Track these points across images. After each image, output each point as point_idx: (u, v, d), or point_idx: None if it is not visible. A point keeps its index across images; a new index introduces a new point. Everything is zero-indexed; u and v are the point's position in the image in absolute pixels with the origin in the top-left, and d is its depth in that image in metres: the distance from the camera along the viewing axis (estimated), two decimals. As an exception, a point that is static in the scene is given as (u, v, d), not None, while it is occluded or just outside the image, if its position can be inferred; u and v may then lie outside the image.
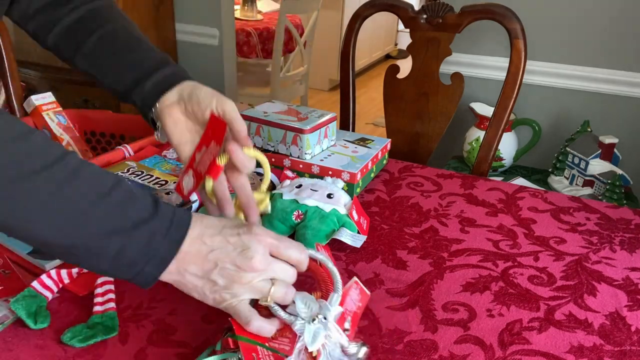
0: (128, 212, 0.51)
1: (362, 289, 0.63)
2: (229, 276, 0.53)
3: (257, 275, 0.53)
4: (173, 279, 0.54)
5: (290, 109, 1.02)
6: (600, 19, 1.62)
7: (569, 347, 0.61)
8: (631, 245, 0.83)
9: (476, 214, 0.91)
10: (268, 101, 1.06)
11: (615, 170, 1.53)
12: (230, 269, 0.53)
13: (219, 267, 0.53)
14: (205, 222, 0.55)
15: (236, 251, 0.53)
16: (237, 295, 0.53)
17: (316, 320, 0.53)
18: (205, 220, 0.55)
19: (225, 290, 0.53)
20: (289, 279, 0.55)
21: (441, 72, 1.34)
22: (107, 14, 0.73)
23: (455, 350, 0.60)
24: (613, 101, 1.68)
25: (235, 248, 0.53)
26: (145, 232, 0.51)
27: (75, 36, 0.72)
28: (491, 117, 1.25)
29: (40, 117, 1.13)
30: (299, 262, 0.57)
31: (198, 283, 0.54)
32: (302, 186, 0.85)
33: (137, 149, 1.02)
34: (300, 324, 0.53)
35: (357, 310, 0.60)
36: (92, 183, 0.51)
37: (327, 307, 0.54)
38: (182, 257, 0.53)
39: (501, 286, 0.72)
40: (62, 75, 2.17)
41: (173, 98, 0.67)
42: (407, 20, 1.33)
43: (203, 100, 0.65)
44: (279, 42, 2.79)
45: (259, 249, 0.54)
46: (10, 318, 0.61)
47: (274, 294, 0.54)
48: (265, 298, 0.54)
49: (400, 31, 5.61)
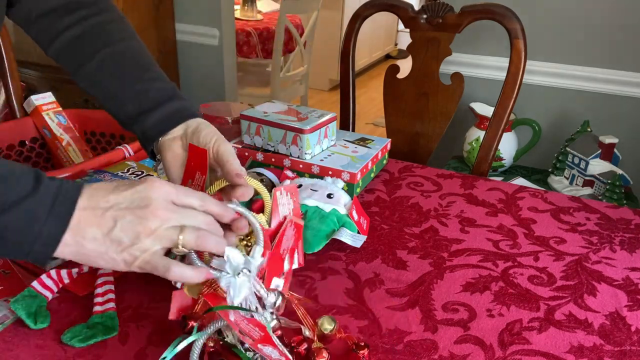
0: (6, 191, 0.48)
1: (296, 223, 0.63)
2: (132, 229, 0.50)
3: (161, 222, 0.50)
4: (72, 251, 0.50)
5: (290, 109, 1.02)
6: (600, 19, 1.62)
7: (569, 347, 0.61)
8: (631, 245, 0.83)
9: (476, 214, 0.91)
10: (268, 101, 1.06)
11: (615, 170, 1.53)
12: (132, 221, 0.50)
13: (119, 222, 0.50)
14: (95, 186, 0.52)
15: (134, 203, 0.50)
16: (146, 248, 0.50)
17: (241, 274, 0.54)
18: (95, 184, 0.52)
19: (132, 246, 0.50)
20: (200, 224, 0.53)
21: (441, 72, 1.34)
22: (114, 32, 0.70)
23: (455, 350, 0.60)
24: (613, 101, 1.68)
25: (132, 200, 0.51)
26: (21, 212, 0.48)
27: (78, 53, 0.69)
28: (491, 117, 1.25)
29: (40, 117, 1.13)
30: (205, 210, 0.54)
31: (101, 248, 0.50)
32: (302, 186, 0.85)
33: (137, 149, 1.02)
34: (227, 278, 0.54)
35: (293, 244, 0.63)
36: None
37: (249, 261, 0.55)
38: (76, 226, 0.49)
39: (501, 286, 0.72)
40: (62, 75, 2.17)
41: (177, 133, 0.65)
42: (407, 20, 1.33)
43: (204, 138, 0.63)
44: (279, 42, 2.79)
45: (158, 195, 0.51)
46: (10, 318, 0.61)
47: (184, 240, 0.51)
48: (176, 245, 0.51)
49: (400, 31, 5.61)
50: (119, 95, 0.68)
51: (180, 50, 2.41)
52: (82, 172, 0.91)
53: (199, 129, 0.64)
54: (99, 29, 0.70)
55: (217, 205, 0.56)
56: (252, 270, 0.55)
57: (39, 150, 1.16)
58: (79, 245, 0.50)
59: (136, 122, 0.67)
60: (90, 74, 0.69)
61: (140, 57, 0.70)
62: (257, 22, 3.22)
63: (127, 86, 0.68)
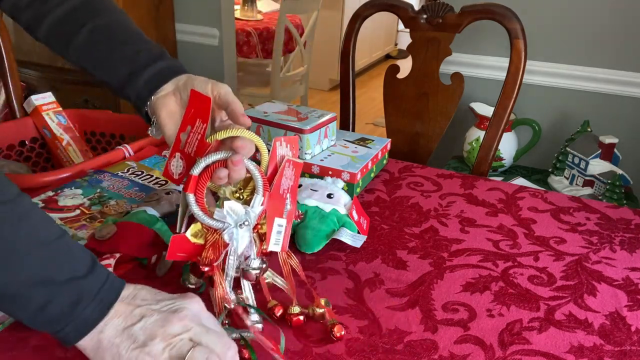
0: (64, 266, 0.49)
1: (294, 162, 0.63)
2: (152, 329, 0.49)
3: (182, 329, 0.49)
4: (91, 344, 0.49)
5: (290, 109, 1.02)
6: (600, 19, 1.62)
7: (569, 347, 0.61)
8: (631, 245, 0.83)
9: (476, 214, 0.91)
10: (268, 101, 1.06)
11: (615, 170, 1.53)
12: (156, 322, 0.49)
13: (144, 320, 0.49)
14: (139, 287, 0.53)
15: (166, 306, 0.51)
16: (155, 354, 0.48)
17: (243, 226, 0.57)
18: (140, 286, 0.53)
19: (143, 347, 0.48)
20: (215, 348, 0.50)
21: (441, 72, 1.34)
22: (101, 6, 0.71)
23: (455, 350, 0.60)
24: (613, 101, 1.68)
25: (166, 304, 0.51)
26: (76, 288, 0.48)
27: (67, 28, 0.70)
28: (491, 117, 1.25)
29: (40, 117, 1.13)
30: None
31: (115, 340, 0.49)
32: (302, 186, 0.85)
33: (137, 149, 1.02)
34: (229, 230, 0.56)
35: (293, 183, 0.64)
36: (38, 229, 0.49)
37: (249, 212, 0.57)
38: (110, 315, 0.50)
39: (501, 286, 0.72)
40: (62, 75, 2.17)
41: (169, 89, 0.65)
42: (407, 20, 1.33)
43: (199, 86, 0.63)
44: (279, 42, 2.79)
45: (193, 307, 0.51)
46: (10, 318, 0.61)
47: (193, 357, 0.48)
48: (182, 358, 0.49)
49: (400, 31, 5.60)
50: (109, 59, 0.68)
51: (180, 50, 2.41)
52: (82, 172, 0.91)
53: (190, 79, 0.65)
54: (87, 4, 0.71)
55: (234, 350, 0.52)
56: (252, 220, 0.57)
57: (39, 150, 1.16)
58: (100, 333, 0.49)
59: (129, 83, 0.67)
60: (81, 45, 0.69)
61: (128, 26, 0.71)
62: (257, 22, 3.22)
63: (117, 50, 0.68)
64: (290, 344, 0.60)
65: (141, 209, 0.74)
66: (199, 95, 0.61)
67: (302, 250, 0.76)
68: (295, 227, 0.80)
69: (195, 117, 0.61)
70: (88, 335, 0.49)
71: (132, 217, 0.72)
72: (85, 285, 0.49)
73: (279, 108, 1.02)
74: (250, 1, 3.31)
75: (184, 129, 0.63)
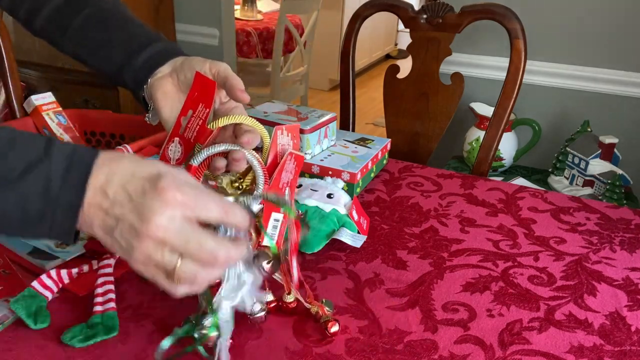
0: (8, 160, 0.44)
1: (296, 155, 0.61)
2: (128, 241, 0.44)
3: (155, 245, 0.43)
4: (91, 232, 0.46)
5: (290, 109, 1.02)
6: (600, 19, 1.62)
7: (569, 347, 0.61)
8: (631, 245, 0.83)
9: (476, 214, 0.91)
10: (268, 101, 1.06)
11: (615, 170, 1.53)
12: (129, 232, 0.44)
13: (119, 226, 0.44)
14: (113, 167, 0.45)
15: (135, 211, 0.43)
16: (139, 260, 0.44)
17: None
18: (114, 164, 0.45)
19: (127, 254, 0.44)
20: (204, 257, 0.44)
21: (441, 72, 1.34)
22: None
23: (455, 350, 0.60)
24: (613, 101, 1.68)
25: (135, 207, 0.43)
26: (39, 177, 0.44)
27: (63, 17, 0.69)
28: (491, 117, 1.25)
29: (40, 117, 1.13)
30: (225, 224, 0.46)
31: (108, 240, 0.45)
32: (302, 186, 0.85)
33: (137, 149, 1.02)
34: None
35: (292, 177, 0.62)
36: None
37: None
38: (87, 210, 0.45)
39: (501, 286, 0.72)
40: (62, 75, 2.17)
41: (166, 70, 0.64)
42: (407, 20, 1.33)
43: (196, 66, 0.61)
44: (279, 42, 2.79)
45: (163, 210, 0.43)
46: (10, 318, 0.61)
47: (180, 271, 0.43)
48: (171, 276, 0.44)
49: (400, 31, 5.60)
50: (105, 45, 0.68)
51: (180, 50, 2.41)
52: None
53: (187, 60, 0.63)
54: None
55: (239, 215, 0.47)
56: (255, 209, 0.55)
57: (39, 150, 1.16)
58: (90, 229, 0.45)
59: (125, 67, 0.66)
60: (76, 33, 0.69)
61: (123, 12, 0.71)
62: (257, 22, 3.22)
63: (113, 35, 0.68)
64: (290, 344, 0.60)
65: (141, 209, 0.73)
66: (203, 79, 0.59)
67: (302, 250, 0.76)
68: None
69: (198, 101, 0.59)
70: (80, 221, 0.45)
71: (132, 217, 0.72)
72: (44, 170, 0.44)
73: (279, 108, 1.02)
74: (250, 1, 3.31)
75: (185, 112, 0.61)
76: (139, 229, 0.43)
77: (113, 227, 0.44)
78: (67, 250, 0.72)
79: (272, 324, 0.62)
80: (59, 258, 0.71)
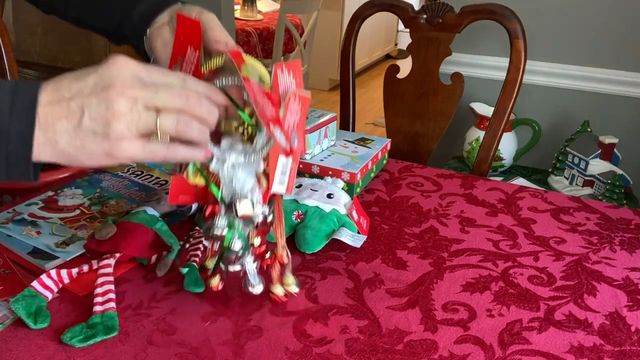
0: None
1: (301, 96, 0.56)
2: (101, 116, 0.45)
3: (129, 102, 0.45)
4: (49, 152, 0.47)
5: (290, 109, 1.01)
6: (600, 19, 1.62)
7: (569, 347, 0.61)
8: (631, 245, 0.83)
9: (476, 214, 0.91)
10: (268, 101, 1.06)
11: (615, 170, 1.53)
12: (98, 106, 0.45)
13: (86, 110, 0.45)
14: (57, 79, 0.47)
15: (98, 85, 0.45)
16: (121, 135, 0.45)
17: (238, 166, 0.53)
18: (58, 77, 0.47)
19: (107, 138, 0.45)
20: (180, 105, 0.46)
21: (441, 72, 1.34)
22: None
23: (455, 350, 0.60)
24: (613, 101, 1.68)
25: (96, 83, 0.45)
26: None
27: None
28: (491, 117, 1.25)
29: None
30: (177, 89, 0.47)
31: (77, 142, 0.46)
32: (302, 186, 0.85)
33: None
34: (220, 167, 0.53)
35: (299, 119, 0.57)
36: None
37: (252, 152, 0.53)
38: (45, 123, 0.45)
39: (501, 286, 0.72)
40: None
41: (164, 19, 0.64)
42: (407, 20, 1.33)
43: (188, 11, 0.61)
44: (279, 42, 2.79)
45: (123, 72, 0.45)
46: (10, 318, 0.61)
47: (162, 124, 0.45)
48: (155, 131, 0.45)
49: (400, 31, 5.61)
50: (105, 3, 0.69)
51: (180, 50, 2.41)
52: (82, 172, 0.91)
53: (184, 7, 0.63)
54: None
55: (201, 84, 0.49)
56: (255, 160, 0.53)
57: (39, 150, 1.16)
58: (54, 143, 0.46)
59: (125, 20, 0.66)
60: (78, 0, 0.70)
61: None
62: (257, 22, 3.22)
63: None
64: (290, 344, 0.60)
65: (141, 209, 0.74)
66: (185, 20, 0.56)
67: (302, 250, 0.76)
68: (295, 227, 0.80)
69: (186, 45, 0.57)
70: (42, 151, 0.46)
71: (132, 217, 0.72)
72: None
73: (279, 108, 1.02)
74: (250, 1, 3.31)
75: (175, 60, 0.59)
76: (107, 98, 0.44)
77: (80, 118, 0.45)
78: (67, 250, 0.72)
79: (272, 324, 0.62)
80: (59, 258, 0.71)
